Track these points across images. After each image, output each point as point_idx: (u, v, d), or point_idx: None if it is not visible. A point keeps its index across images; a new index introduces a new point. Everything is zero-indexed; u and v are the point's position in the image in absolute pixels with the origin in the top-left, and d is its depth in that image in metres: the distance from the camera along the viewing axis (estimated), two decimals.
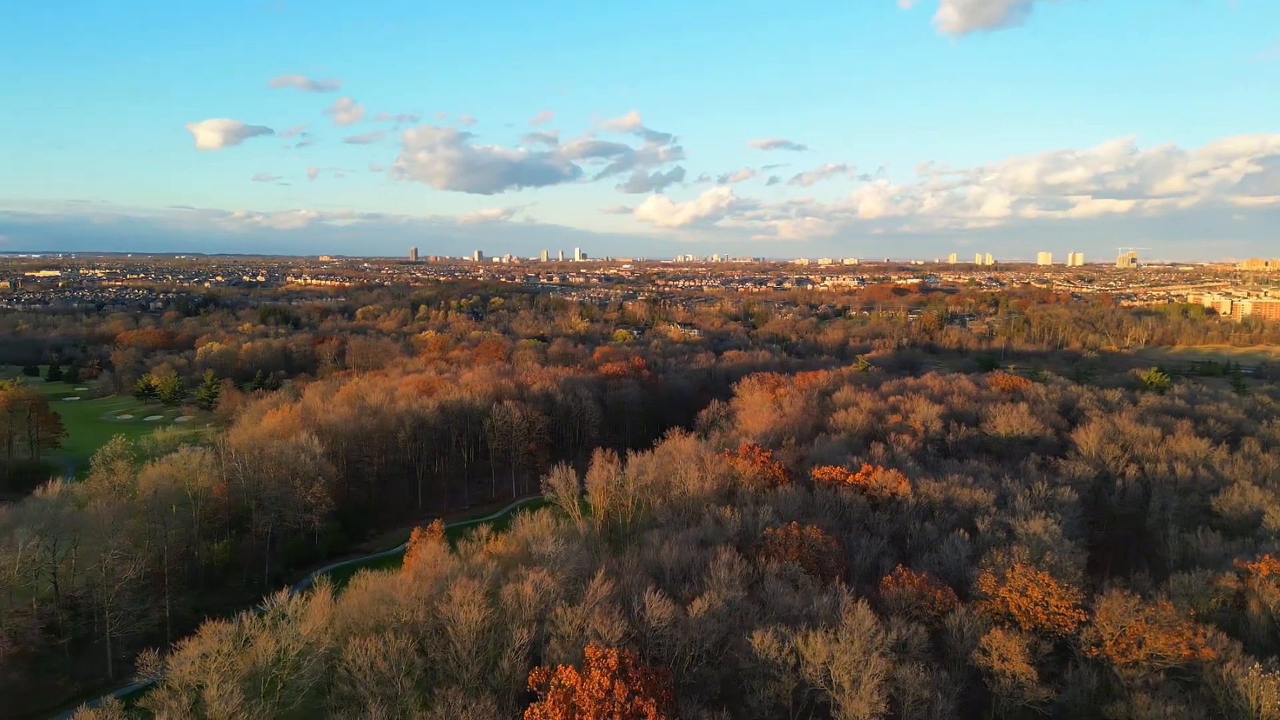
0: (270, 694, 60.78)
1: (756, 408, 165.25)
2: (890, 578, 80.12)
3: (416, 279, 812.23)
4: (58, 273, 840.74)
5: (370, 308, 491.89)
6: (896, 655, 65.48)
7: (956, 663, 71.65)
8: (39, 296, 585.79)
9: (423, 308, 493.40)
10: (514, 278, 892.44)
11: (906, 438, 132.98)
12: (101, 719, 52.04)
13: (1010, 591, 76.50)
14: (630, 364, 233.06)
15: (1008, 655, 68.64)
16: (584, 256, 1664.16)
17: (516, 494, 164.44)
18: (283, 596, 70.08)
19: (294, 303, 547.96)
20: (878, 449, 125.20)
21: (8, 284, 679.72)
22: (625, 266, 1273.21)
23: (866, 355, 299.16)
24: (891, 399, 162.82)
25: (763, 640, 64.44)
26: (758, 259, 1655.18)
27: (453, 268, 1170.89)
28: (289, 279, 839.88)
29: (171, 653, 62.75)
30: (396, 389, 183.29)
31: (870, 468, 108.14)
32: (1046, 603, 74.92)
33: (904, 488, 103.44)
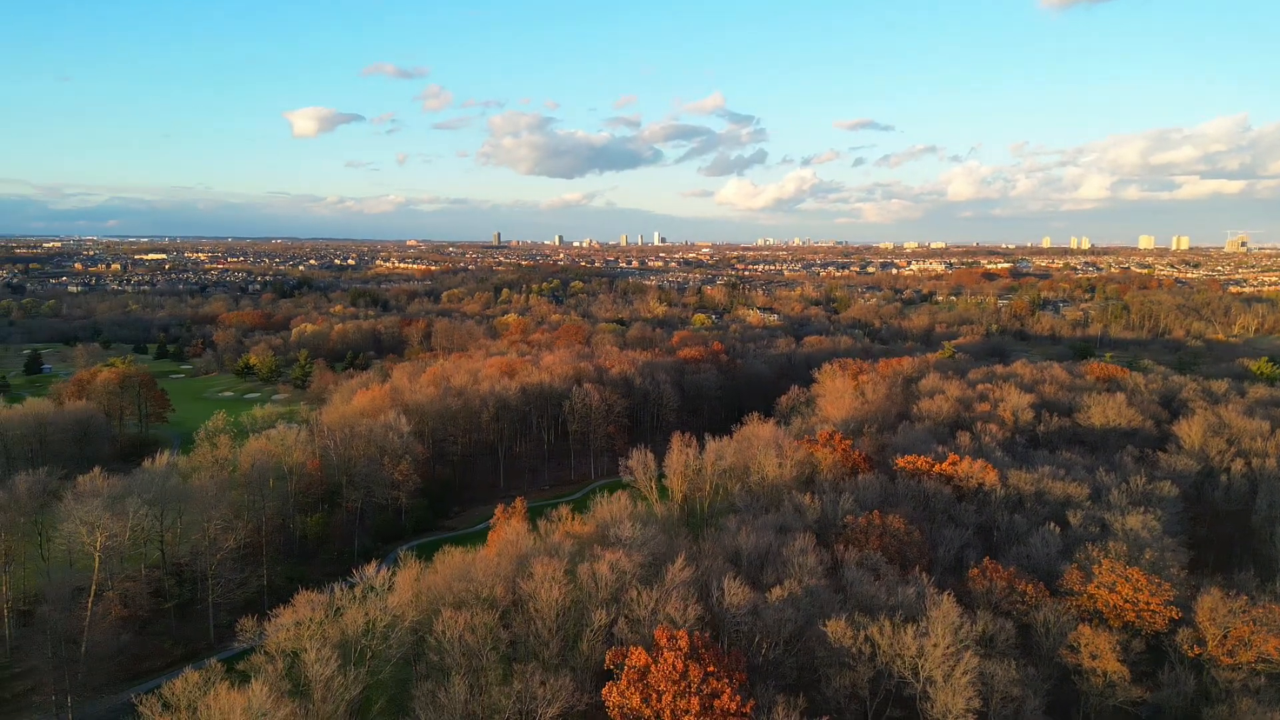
0: (360, 663, 63.22)
1: (837, 394, 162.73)
2: (976, 570, 78.15)
3: (499, 263, 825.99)
4: (164, 256, 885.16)
5: (455, 291, 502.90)
6: (983, 650, 63.90)
7: (1045, 659, 69.57)
8: (147, 279, 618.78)
9: (505, 291, 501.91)
10: (594, 262, 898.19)
11: (994, 427, 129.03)
12: (205, 680, 54.93)
13: (1099, 588, 73.72)
14: (708, 349, 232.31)
15: (1099, 653, 66.24)
16: (663, 240, 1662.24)
17: (595, 475, 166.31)
18: (371, 570, 72.55)
19: (382, 286, 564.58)
20: (964, 438, 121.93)
21: (119, 267, 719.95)
22: (704, 250, 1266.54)
23: (953, 342, 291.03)
24: (979, 387, 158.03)
25: (838, 628, 63.77)
26: (840, 243, 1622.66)
27: (534, 252, 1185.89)
28: (378, 262, 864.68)
29: (269, 620, 65.90)
30: (480, 371, 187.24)
31: (956, 457, 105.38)
32: (1136, 600, 71.99)
33: (991, 478, 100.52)
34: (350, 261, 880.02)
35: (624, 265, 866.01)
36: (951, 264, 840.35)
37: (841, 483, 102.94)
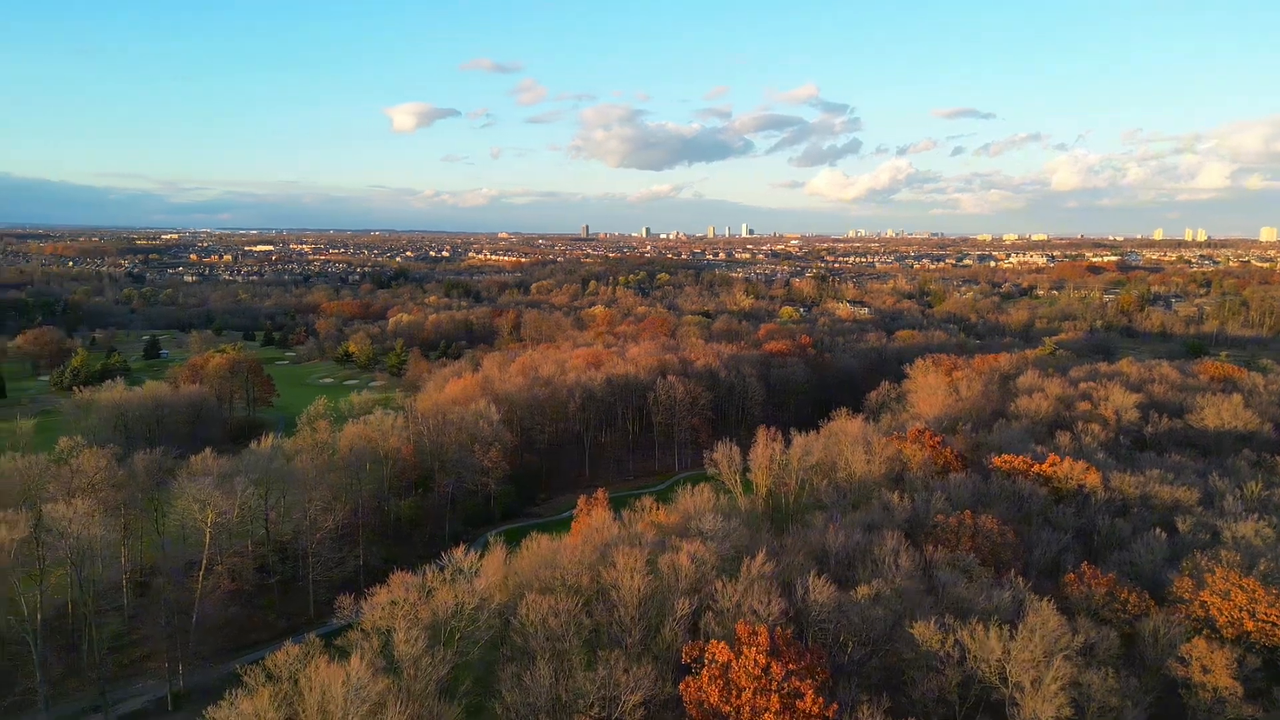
0: (450, 643, 65.13)
1: (930, 390, 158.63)
2: (1074, 575, 75.13)
3: (587, 255, 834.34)
4: (272, 247, 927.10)
5: (544, 283, 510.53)
6: (1083, 659, 61.39)
7: (1150, 670, 66.40)
8: (256, 269, 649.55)
9: (592, 283, 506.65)
10: (680, 254, 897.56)
11: (1096, 427, 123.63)
12: (305, 653, 57.52)
13: (1211, 595, 69.84)
14: (795, 342, 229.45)
15: (1211, 667, 62.79)
16: (750, 232, 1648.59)
17: (679, 467, 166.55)
18: (460, 553, 74.53)
19: (475, 277, 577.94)
20: (1064, 438, 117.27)
21: (230, 257, 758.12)
22: (793, 242, 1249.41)
23: (1054, 338, 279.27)
24: (1081, 385, 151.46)
25: (925, 630, 62.27)
26: (935, 234, 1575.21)
27: (621, 244, 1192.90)
28: (470, 254, 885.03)
29: (365, 598, 68.48)
30: (567, 361, 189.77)
31: (1056, 458, 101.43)
32: (1253, 610, 67.88)
33: (1093, 480, 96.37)
34: (445, 253, 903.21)
35: (710, 257, 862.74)
36: (1054, 257, 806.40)
37: (932, 481, 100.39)
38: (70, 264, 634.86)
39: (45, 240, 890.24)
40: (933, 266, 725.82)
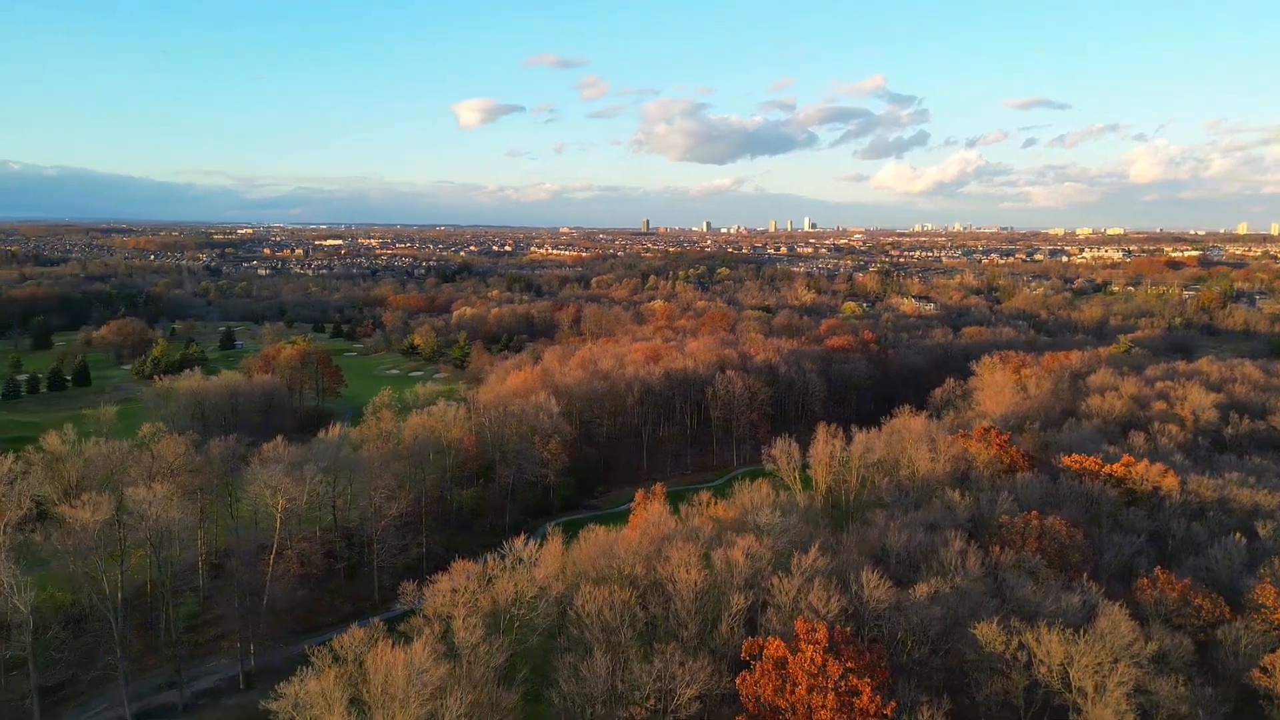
0: (509, 631, 66.21)
1: (997, 388, 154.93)
2: (1146, 580, 72.68)
3: (647, 249, 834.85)
4: (341, 242, 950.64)
5: (604, 277, 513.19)
6: (1154, 666, 59.38)
7: (1228, 679, 63.94)
8: (325, 263, 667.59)
9: (652, 278, 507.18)
10: (741, 248, 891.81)
11: (1173, 428, 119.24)
12: (370, 637, 59.17)
13: None
14: (858, 337, 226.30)
15: None
16: (813, 226, 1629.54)
17: (737, 463, 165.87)
18: (520, 543, 75.56)
19: (536, 271, 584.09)
20: (1138, 439, 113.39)
21: (301, 252, 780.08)
22: (856, 236, 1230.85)
23: (1129, 335, 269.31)
24: (1158, 385, 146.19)
25: (989, 632, 60.95)
26: (1005, 228, 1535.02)
27: (682, 238, 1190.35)
28: (532, 249, 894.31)
29: (427, 585, 70.02)
30: (626, 355, 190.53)
31: (1130, 459, 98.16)
32: None
33: (1169, 482, 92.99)
34: (507, 248, 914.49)
35: (772, 251, 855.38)
36: (1130, 251, 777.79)
37: (998, 481, 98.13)
38: (152, 257, 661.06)
39: (128, 235, 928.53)
40: (1001, 261, 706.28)
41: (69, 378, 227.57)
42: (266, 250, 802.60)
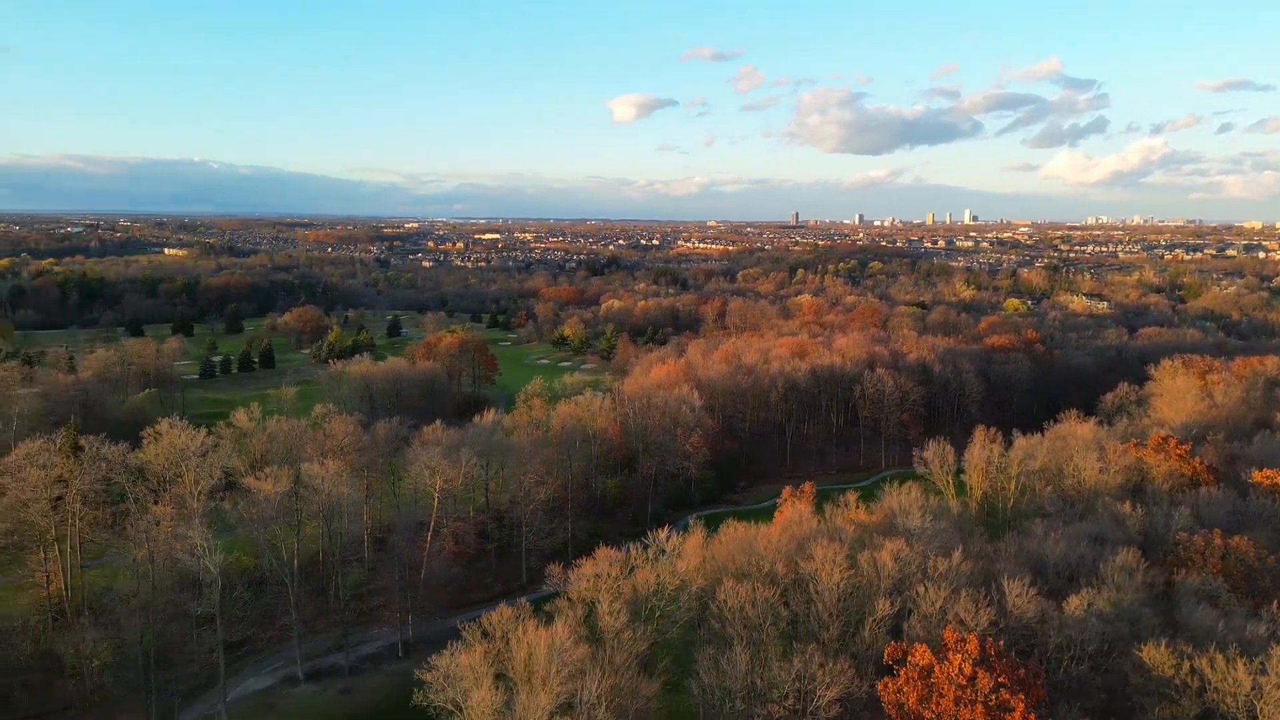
0: (650, 620, 67.22)
1: (1177, 394, 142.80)
2: None
3: (795, 243, 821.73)
4: (498, 236, 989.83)
5: (750, 271, 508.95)
6: None
7: None
8: (484, 256, 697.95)
9: (800, 271, 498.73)
10: (895, 241, 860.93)
11: None
12: (516, 616, 61.64)
13: None
14: (1020, 336, 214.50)
15: None
16: (974, 219, 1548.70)
17: (885, 464, 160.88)
18: (662, 534, 76.46)
19: (682, 265, 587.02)
20: None
21: (462, 245, 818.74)
22: (1022, 230, 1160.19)
23: None
24: None
25: (1157, 655, 56.40)
26: (1193, 221, 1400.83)
27: (832, 231, 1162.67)
28: (679, 243, 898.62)
29: (572, 569, 72.12)
30: (771, 350, 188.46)
31: None
32: None
33: None
34: (655, 241, 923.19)
35: (928, 245, 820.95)
36: None
37: (1177, 495, 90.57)
38: (329, 250, 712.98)
39: (309, 228, 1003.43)
40: (1187, 257, 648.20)
41: (256, 360, 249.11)
42: (430, 243, 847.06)
